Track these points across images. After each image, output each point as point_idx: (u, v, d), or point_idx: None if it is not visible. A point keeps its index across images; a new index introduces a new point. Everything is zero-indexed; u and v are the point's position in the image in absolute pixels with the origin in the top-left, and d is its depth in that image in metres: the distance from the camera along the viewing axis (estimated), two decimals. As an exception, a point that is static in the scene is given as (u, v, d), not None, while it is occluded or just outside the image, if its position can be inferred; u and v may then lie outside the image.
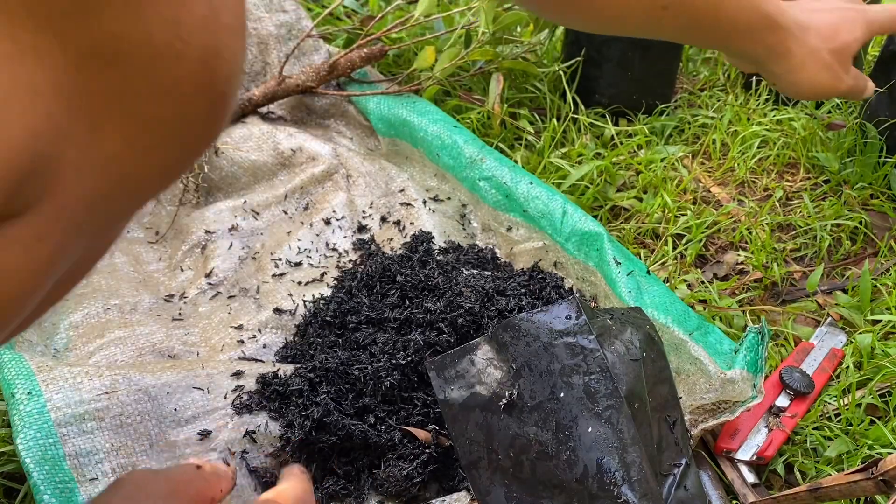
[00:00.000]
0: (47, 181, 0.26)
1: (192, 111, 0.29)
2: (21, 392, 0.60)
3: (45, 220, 0.27)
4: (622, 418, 0.53)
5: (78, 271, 0.35)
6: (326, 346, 0.70)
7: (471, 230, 0.88)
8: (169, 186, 0.34)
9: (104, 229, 0.33)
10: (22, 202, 0.26)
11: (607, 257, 0.75)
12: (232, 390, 0.65)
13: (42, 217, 0.27)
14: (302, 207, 0.91)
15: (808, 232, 0.88)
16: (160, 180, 0.31)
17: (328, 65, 1.02)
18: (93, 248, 0.34)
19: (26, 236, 0.26)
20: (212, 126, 0.31)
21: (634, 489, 0.51)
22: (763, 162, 0.98)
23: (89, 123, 0.27)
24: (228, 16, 0.28)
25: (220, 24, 0.28)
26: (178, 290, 0.80)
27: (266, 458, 0.63)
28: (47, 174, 0.26)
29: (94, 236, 0.32)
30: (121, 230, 0.36)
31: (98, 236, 0.33)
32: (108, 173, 0.28)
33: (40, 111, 0.25)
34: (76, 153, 0.27)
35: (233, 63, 0.29)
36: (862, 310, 0.78)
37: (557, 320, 0.56)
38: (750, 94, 1.06)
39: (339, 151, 0.97)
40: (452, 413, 0.59)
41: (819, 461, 0.65)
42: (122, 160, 0.28)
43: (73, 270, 0.34)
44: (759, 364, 0.65)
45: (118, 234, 0.36)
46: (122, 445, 0.60)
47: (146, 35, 0.26)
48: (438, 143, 0.92)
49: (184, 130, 0.30)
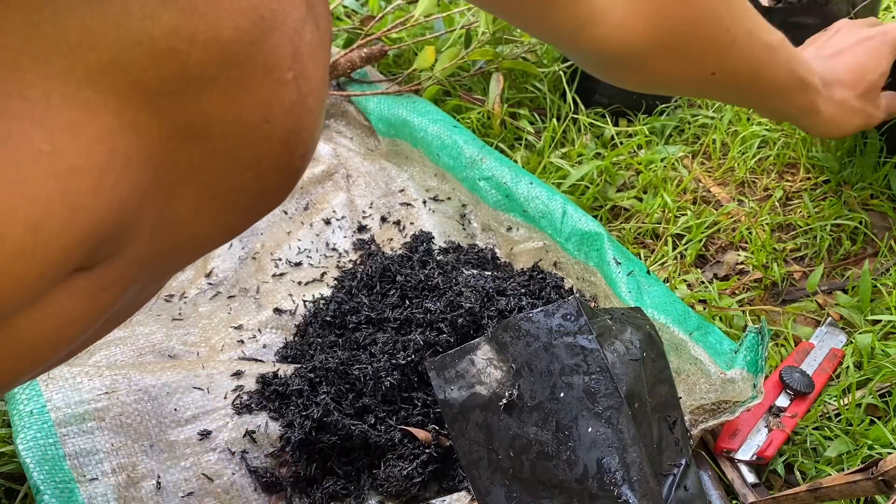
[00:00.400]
0: (124, 241, 0.27)
1: (267, 184, 0.30)
2: (21, 392, 0.60)
3: (113, 273, 0.28)
4: (622, 418, 0.53)
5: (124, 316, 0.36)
6: (326, 346, 0.70)
7: (471, 230, 0.88)
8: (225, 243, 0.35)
9: (160, 280, 0.34)
10: (98, 258, 0.27)
11: (607, 257, 0.75)
12: (232, 390, 0.65)
13: (110, 270, 0.28)
14: (302, 207, 0.91)
15: (808, 232, 0.88)
16: (222, 239, 0.33)
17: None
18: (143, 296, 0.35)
19: (94, 287, 0.28)
20: (280, 195, 0.32)
21: (634, 489, 0.51)
22: (763, 162, 0.98)
23: (169, 191, 0.28)
24: (314, 101, 0.29)
25: (306, 108, 0.29)
26: (177, 290, 0.80)
27: (266, 458, 0.63)
28: (126, 235, 0.27)
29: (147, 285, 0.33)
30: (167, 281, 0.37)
31: (151, 288, 0.34)
32: (177, 234, 0.30)
33: (131, 181, 0.26)
34: (153, 217, 0.28)
35: (310, 143, 0.30)
36: (862, 310, 0.78)
37: (557, 320, 0.56)
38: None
39: (339, 151, 0.97)
40: (452, 413, 0.59)
41: (819, 461, 0.65)
42: (192, 221, 0.29)
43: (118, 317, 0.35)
44: (759, 364, 0.65)
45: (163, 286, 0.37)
46: (122, 445, 0.60)
47: (238, 116, 0.27)
48: (438, 143, 0.92)
49: (255, 200, 0.31)
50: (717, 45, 0.65)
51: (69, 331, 0.28)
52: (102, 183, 0.25)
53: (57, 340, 0.28)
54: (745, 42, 0.66)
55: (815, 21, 0.98)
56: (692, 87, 0.73)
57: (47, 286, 0.25)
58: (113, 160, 0.25)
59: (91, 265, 0.27)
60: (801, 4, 0.99)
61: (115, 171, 0.25)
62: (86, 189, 0.24)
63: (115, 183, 0.25)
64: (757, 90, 0.72)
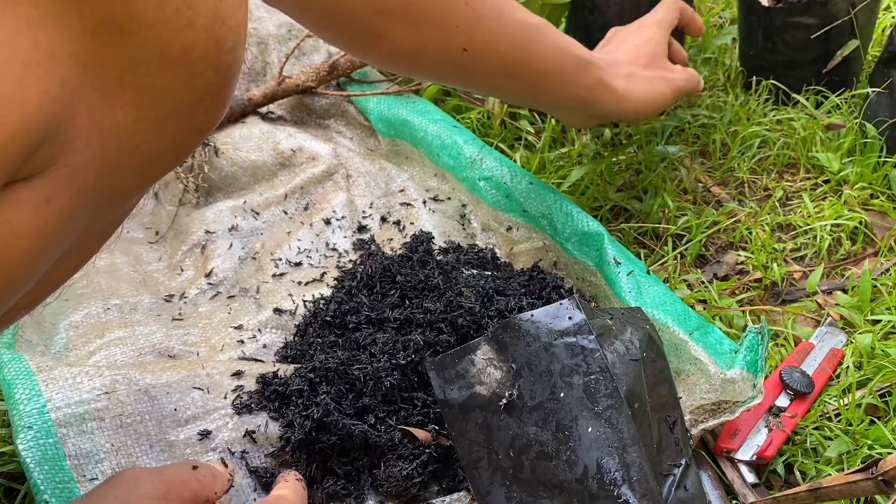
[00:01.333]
0: (60, 145, 0.27)
1: (200, 82, 0.30)
2: (21, 392, 0.60)
3: (55, 183, 0.28)
4: (622, 418, 0.53)
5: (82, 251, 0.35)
6: (326, 346, 0.70)
7: (471, 230, 0.88)
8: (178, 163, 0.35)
9: (112, 203, 0.33)
10: (35, 165, 0.27)
11: (607, 257, 0.75)
12: (232, 390, 0.65)
13: (53, 180, 0.28)
14: (302, 207, 0.91)
15: (808, 232, 0.88)
16: (170, 155, 0.32)
17: (328, 65, 1.02)
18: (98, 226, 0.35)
19: (37, 198, 0.27)
20: (218, 99, 0.32)
21: (634, 489, 0.51)
22: (763, 162, 0.98)
23: (102, 91, 0.28)
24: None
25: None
26: (178, 290, 0.80)
27: (266, 458, 0.63)
28: (60, 138, 0.27)
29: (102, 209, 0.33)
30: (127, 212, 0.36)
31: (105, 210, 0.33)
32: (119, 143, 0.29)
33: (57, 75, 0.26)
34: (89, 120, 0.28)
35: (237, 33, 0.30)
36: (862, 310, 0.78)
37: (557, 320, 0.56)
38: (750, 94, 1.06)
39: (339, 151, 0.97)
40: (452, 413, 0.59)
41: (819, 461, 0.65)
42: (134, 130, 0.29)
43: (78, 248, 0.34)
44: (759, 364, 0.65)
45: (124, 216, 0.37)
46: (122, 445, 0.60)
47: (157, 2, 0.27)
48: (438, 143, 0.92)
49: (193, 103, 0.30)
50: (458, 19, 0.66)
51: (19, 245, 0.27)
52: (27, 75, 0.24)
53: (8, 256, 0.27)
54: (495, 20, 0.68)
55: (815, 21, 0.98)
56: (450, 67, 0.71)
57: None
58: (35, 52, 0.25)
59: (30, 174, 0.27)
60: (801, 4, 0.99)
61: (39, 64, 0.25)
62: (10, 81, 0.24)
63: (40, 76, 0.25)
64: (532, 72, 0.72)
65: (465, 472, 0.58)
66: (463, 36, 0.67)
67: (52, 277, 0.34)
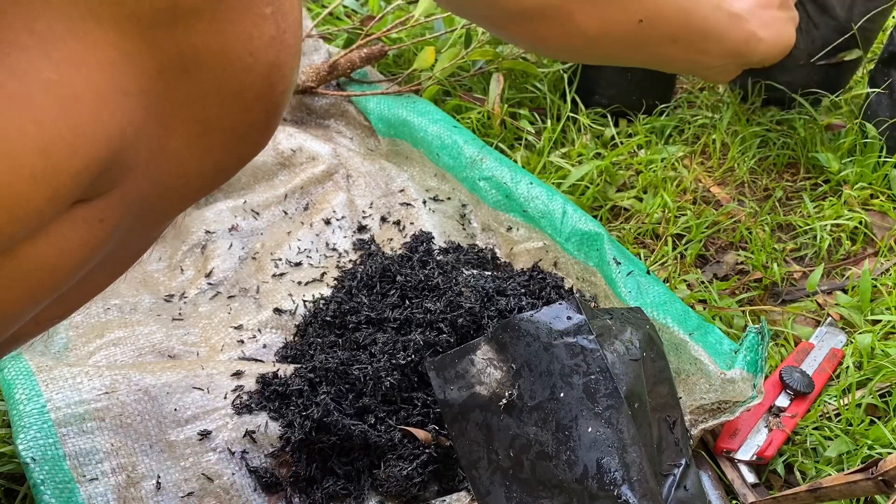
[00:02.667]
0: (121, 172, 0.29)
1: (250, 118, 0.32)
2: (21, 392, 0.60)
3: (110, 204, 0.30)
4: (622, 418, 0.53)
5: (118, 266, 0.38)
6: (326, 346, 0.70)
7: (471, 230, 0.88)
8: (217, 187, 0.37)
9: (152, 222, 0.36)
10: (97, 189, 0.29)
11: (607, 257, 0.75)
12: (232, 390, 0.65)
13: (109, 203, 0.30)
14: (302, 207, 0.91)
15: (808, 232, 0.88)
16: (212, 180, 0.35)
17: (328, 65, 1.02)
18: (136, 243, 0.37)
19: (93, 217, 0.30)
20: (264, 133, 0.34)
21: (634, 489, 0.51)
22: (763, 162, 0.98)
23: (162, 124, 0.30)
24: (292, 38, 0.32)
25: (284, 44, 0.31)
26: (178, 290, 0.80)
27: (266, 458, 0.63)
28: (122, 166, 0.29)
29: (143, 227, 0.35)
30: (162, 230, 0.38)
31: (146, 228, 0.35)
32: (170, 169, 0.32)
33: (127, 111, 0.28)
34: (148, 150, 0.30)
35: (289, 78, 0.33)
36: (862, 310, 0.78)
37: (557, 320, 0.56)
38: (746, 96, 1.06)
39: (339, 151, 0.97)
40: (452, 413, 0.59)
41: (819, 461, 0.65)
42: (183, 158, 0.32)
43: (114, 263, 0.37)
44: (759, 364, 0.65)
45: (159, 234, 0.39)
46: (122, 445, 0.60)
47: (223, 48, 0.29)
48: (438, 143, 0.92)
49: (241, 135, 0.33)
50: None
51: (68, 262, 0.30)
52: (102, 111, 0.27)
53: (57, 272, 0.29)
54: None
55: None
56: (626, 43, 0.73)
57: (54, 212, 0.27)
58: (111, 90, 0.27)
59: (91, 196, 0.29)
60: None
61: (114, 101, 0.27)
62: (88, 116, 0.26)
63: (113, 112, 0.27)
64: (695, 34, 0.74)
65: (465, 472, 0.58)
66: (639, 6, 0.69)
67: (89, 290, 0.37)
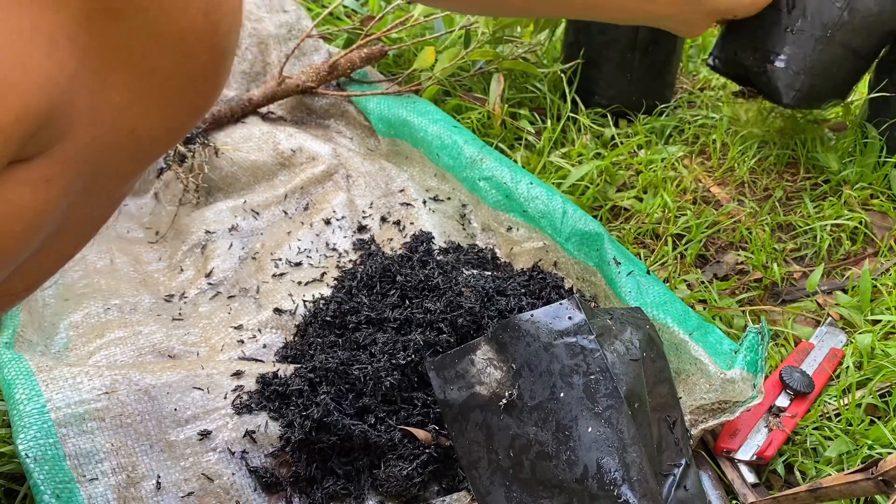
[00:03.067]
0: (59, 128, 0.28)
1: (195, 65, 0.30)
2: (21, 392, 0.60)
3: (54, 163, 0.29)
4: (622, 418, 0.53)
5: (80, 233, 0.36)
6: (326, 346, 0.70)
7: (471, 230, 0.88)
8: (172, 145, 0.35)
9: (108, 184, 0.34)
10: (35, 147, 0.27)
11: (607, 257, 0.75)
12: (232, 390, 0.65)
13: (51, 161, 0.29)
14: (302, 207, 0.91)
15: (808, 232, 0.88)
16: (165, 137, 0.33)
17: (328, 65, 1.02)
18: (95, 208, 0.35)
19: (36, 178, 0.28)
20: (213, 82, 0.32)
21: (634, 489, 0.51)
22: (763, 162, 0.98)
23: (99, 75, 0.28)
24: None
25: None
26: (178, 290, 0.80)
27: (266, 458, 0.63)
28: (60, 121, 0.27)
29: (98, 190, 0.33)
30: (124, 194, 0.37)
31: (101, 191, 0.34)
32: (115, 124, 0.30)
33: (56, 59, 0.26)
34: (87, 103, 0.28)
35: (232, 18, 0.31)
36: (862, 310, 0.78)
37: (557, 320, 0.56)
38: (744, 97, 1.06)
39: (339, 151, 0.97)
40: (452, 413, 0.59)
41: (819, 461, 0.65)
42: (129, 113, 0.30)
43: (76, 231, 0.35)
44: (759, 364, 0.65)
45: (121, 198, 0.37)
46: (122, 445, 0.60)
47: None
48: (438, 143, 0.92)
49: (187, 85, 0.31)
50: None
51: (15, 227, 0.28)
52: (29, 60, 0.25)
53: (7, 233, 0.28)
54: None
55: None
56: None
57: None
58: (36, 37, 0.25)
59: (30, 155, 0.28)
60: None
61: (40, 48, 0.25)
62: (13, 65, 0.24)
63: (41, 60, 0.25)
64: None
65: (465, 472, 0.58)
66: None
67: (51, 260, 0.35)
